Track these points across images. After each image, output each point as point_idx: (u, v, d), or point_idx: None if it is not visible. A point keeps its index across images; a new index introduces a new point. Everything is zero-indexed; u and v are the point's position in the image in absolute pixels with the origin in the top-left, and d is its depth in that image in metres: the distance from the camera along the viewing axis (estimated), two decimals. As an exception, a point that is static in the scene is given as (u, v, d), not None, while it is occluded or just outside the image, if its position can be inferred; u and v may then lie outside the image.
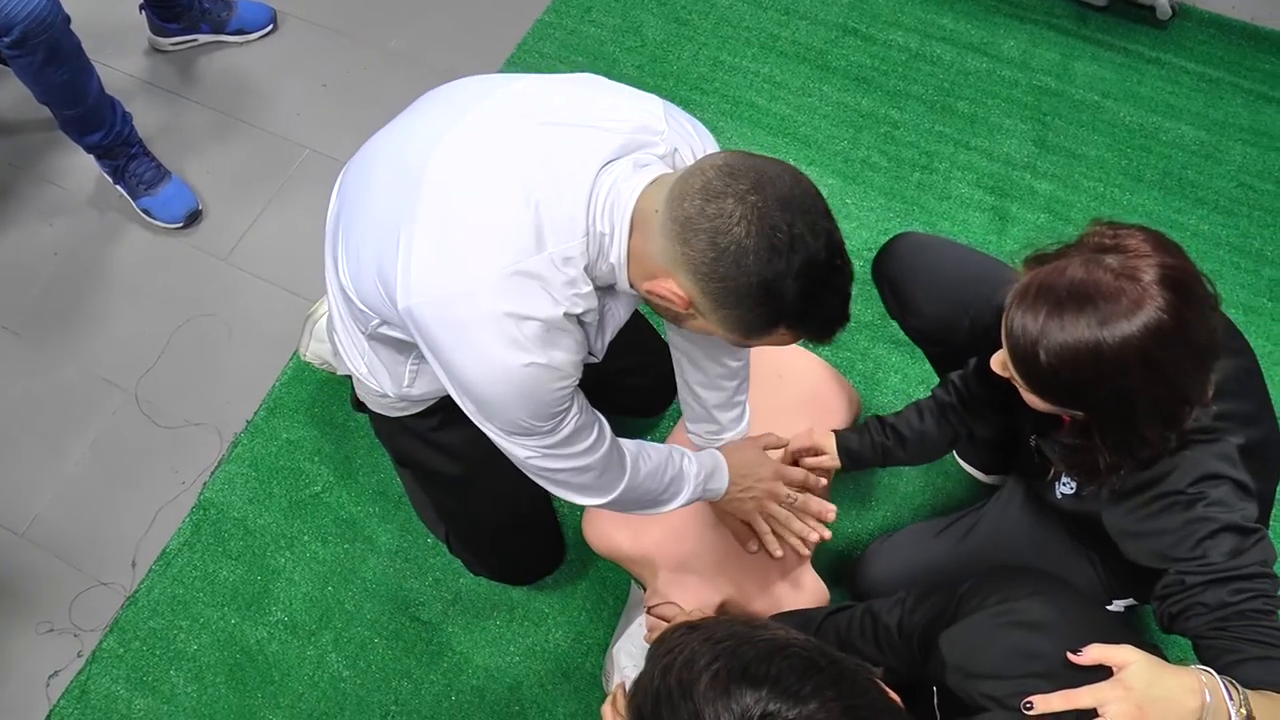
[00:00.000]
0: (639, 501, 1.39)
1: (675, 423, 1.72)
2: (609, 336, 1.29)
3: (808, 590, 1.60)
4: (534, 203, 1.09)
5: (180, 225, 2.24)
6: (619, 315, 1.27)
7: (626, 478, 1.34)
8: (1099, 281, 1.02)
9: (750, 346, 1.14)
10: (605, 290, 1.18)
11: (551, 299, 1.10)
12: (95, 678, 1.77)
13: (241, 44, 2.50)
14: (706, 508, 1.58)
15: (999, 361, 1.16)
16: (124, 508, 1.94)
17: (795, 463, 1.55)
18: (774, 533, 1.51)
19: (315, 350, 1.90)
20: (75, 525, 1.93)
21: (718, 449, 1.51)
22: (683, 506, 1.45)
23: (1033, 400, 1.14)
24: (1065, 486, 1.34)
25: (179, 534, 1.90)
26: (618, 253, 1.10)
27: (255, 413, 2.01)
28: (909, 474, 1.92)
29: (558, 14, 2.51)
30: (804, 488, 1.52)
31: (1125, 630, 1.11)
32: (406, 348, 1.35)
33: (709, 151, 1.24)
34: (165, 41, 2.47)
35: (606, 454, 1.29)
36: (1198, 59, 2.42)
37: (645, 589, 1.63)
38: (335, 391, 2.01)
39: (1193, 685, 0.97)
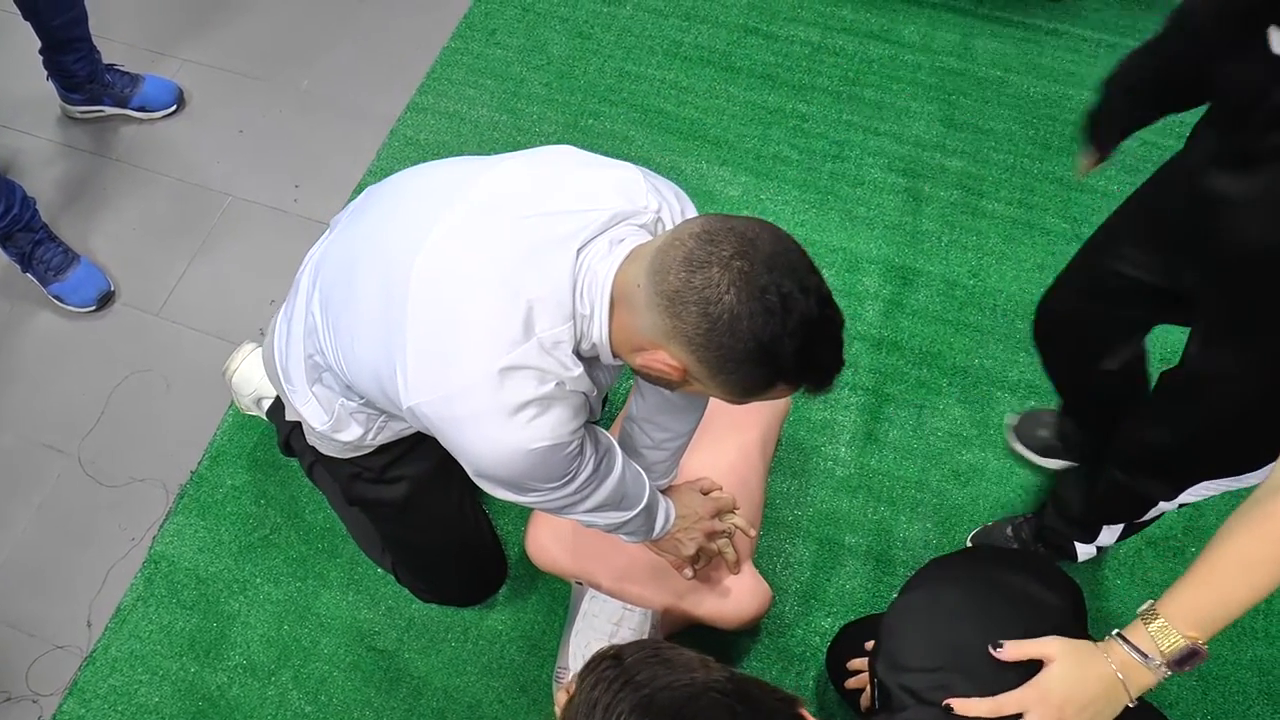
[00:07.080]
0: (647, 522, 1.44)
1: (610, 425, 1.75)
2: (599, 400, 1.34)
3: (749, 589, 1.63)
4: (520, 295, 1.11)
5: (93, 309, 2.22)
6: (604, 382, 1.30)
7: (647, 489, 1.40)
8: None
9: (745, 403, 1.18)
10: (590, 361, 1.20)
11: (542, 376, 1.12)
12: (58, 741, 1.78)
13: (144, 121, 2.49)
14: None
15: None
16: (75, 569, 1.95)
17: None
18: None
19: (244, 404, 1.96)
20: (26, 592, 1.93)
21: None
22: (657, 534, 1.50)
23: None
24: None
25: (132, 590, 1.91)
26: (599, 331, 1.12)
27: (199, 463, 2.03)
28: (844, 457, 1.96)
29: (464, 39, 2.54)
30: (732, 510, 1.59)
31: (1050, 615, 1.10)
32: (380, 411, 1.39)
33: (687, 215, 1.25)
34: (74, 110, 2.48)
35: (621, 473, 1.33)
36: (1094, 26, 2.49)
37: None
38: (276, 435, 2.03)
39: (1107, 673, 0.98)
